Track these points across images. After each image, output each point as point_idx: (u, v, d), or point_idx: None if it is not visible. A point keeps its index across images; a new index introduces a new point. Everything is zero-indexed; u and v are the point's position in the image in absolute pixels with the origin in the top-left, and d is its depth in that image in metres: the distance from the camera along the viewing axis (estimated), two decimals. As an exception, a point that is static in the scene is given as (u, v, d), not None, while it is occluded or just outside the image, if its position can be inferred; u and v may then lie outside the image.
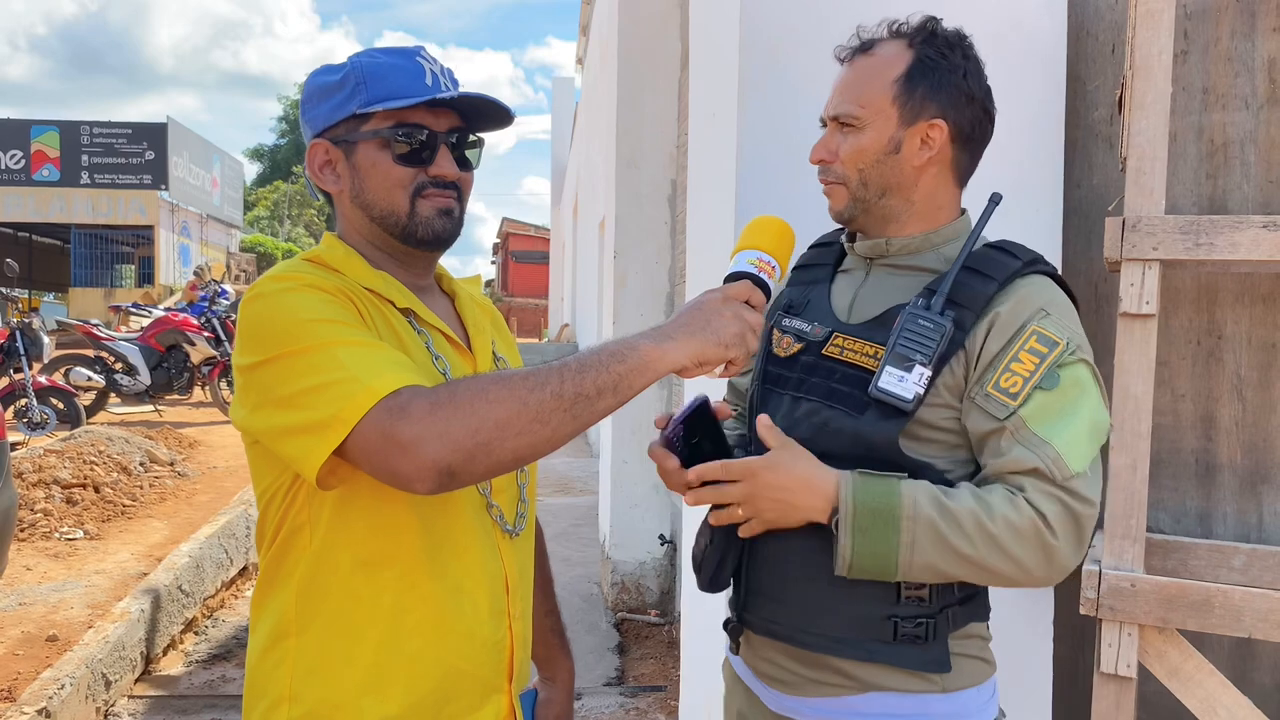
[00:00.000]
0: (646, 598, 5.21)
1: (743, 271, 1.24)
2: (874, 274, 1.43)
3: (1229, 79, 2.06)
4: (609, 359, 1.09)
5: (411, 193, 1.24)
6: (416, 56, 1.25)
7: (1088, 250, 2.23)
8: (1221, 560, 1.99)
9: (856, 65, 1.40)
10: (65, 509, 5.78)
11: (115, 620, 4.05)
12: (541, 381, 1.06)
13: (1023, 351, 1.27)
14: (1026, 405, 1.25)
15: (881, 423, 1.29)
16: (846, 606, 1.32)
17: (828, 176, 1.41)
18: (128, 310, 12.99)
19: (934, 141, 1.37)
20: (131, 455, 6.86)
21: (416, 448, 1.02)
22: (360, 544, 1.18)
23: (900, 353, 1.28)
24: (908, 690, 1.33)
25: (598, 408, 1.08)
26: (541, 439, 1.06)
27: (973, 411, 1.29)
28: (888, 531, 1.22)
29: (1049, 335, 1.28)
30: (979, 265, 1.33)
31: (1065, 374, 1.26)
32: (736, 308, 1.18)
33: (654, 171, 5.30)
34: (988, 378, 1.28)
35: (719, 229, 2.27)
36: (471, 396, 1.05)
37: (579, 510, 7.41)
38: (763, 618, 1.40)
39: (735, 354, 1.16)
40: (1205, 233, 1.78)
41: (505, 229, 33.37)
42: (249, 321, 1.16)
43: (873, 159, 1.37)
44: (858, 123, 1.37)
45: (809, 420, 1.36)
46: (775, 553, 1.36)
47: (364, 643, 1.19)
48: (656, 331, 1.14)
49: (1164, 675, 1.79)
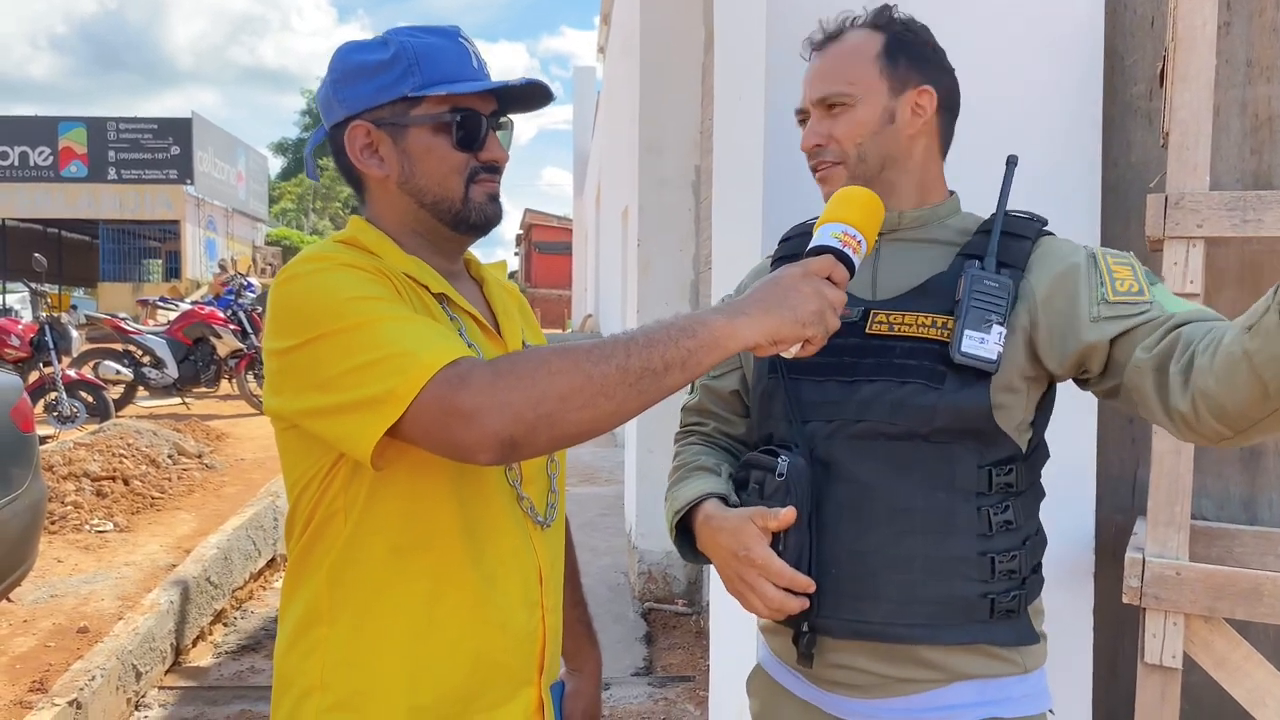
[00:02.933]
0: (674, 587, 5.18)
1: (826, 245, 1.17)
2: (886, 249, 1.39)
3: (1274, 50, 2.00)
4: (678, 334, 1.05)
5: (466, 178, 1.22)
6: (458, 38, 1.23)
7: (1126, 230, 2.16)
8: (1268, 547, 1.93)
9: (830, 52, 1.41)
10: (95, 501, 5.82)
11: (145, 612, 4.07)
12: (606, 354, 1.02)
13: (1113, 266, 1.28)
14: (1155, 297, 1.25)
15: (967, 390, 1.26)
16: (942, 590, 1.28)
17: (824, 159, 1.40)
18: (155, 304, 13.10)
19: (925, 109, 1.38)
20: (160, 448, 6.91)
21: (479, 417, 1.00)
22: (396, 530, 1.16)
23: (977, 314, 1.26)
24: (992, 675, 1.30)
25: (665, 384, 1.04)
26: (605, 413, 1.02)
27: (1101, 325, 1.25)
28: None
29: (1118, 253, 1.32)
30: (1015, 229, 1.34)
31: (1152, 276, 1.30)
32: (817, 283, 1.11)
33: (677, 158, 5.25)
34: (1101, 294, 1.26)
35: (746, 214, 2.23)
36: (533, 368, 1.02)
37: (605, 500, 7.40)
38: (846, 619, 1.31)
39: (813, 333, 1.10)
40: (1253, 209, 1.73)
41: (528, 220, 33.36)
42: (283, 304, 1.13)
43: (870, 132, 1.37)
44: (849, 99, 1.36)
45: (881, 401, 1.29)
46: (854, 548, 1.30)
47: (397, 631, 1.17)
48: (729, 306, 1.10)
49: (1210, 666, 1.74)
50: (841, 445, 1.31)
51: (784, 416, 1.36)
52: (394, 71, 1.19)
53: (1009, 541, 1.29)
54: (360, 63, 1.22)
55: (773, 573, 1.25)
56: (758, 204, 2.08)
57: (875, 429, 1.29)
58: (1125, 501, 2.19)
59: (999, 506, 1.29)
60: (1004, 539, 1.29)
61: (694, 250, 5.27)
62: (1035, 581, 1.34)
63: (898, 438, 1.28)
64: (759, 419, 1.44)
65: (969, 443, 1.28)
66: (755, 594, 1.26)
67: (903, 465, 1.28)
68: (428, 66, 1.19)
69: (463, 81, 1.19)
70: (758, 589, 1.26)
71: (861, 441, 1.30)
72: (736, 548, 1.27)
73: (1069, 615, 2.08)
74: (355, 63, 1.22)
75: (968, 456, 1.28)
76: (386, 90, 1.20)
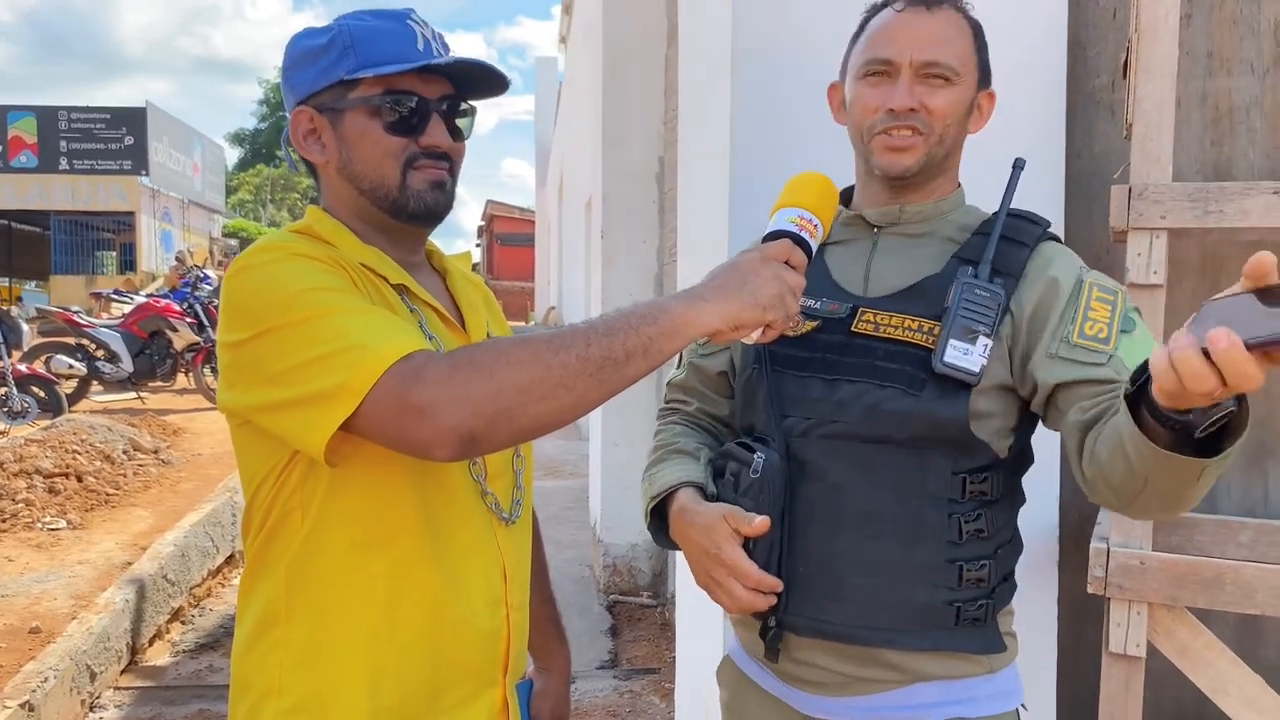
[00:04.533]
0: (638, 580, 5.17)
1: (783, 230, 1.16)
2: (884, 242, 1.37)
3: (1234, 43, 2.02)
4: (638, 321, 1.02)
5: (402, 164, 1.18)
6: (407, 19, 1.19)
7: (1089, 220, 2.17)
8: (1228, 535, 1.95)
9: (938, 17, 1.30)
10: (48, 499, 5.69)
11: (99, 611, 3.98)
12: (566, 344, 0.99)
13: (1093, 301, 1.25)
14: (1119, 351, 1.22)
15: (945, 400, 1.23)
16: (908, 596, 1.26)
17: (910, 124, 1.29)
18: (109, 297, 12.84)
19: (985, 111, 1.36)
20: (115, 443, 6.77)
21: (435, 412, 0.97)
22: (355, 526, 1.13)
23: (963, 324, 1.23)
24: (956, 676, 1.29)
25: (626, 373, 1.01)
26: (566, 405, 1.00)
27: (1060, 364, 1.23)
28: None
29: (1105, 284, 1.28)
30: (1009, 232, 1.30)
31: (1134, 316, 1.27)
32: (775, 268, 1.10)
33: (640, 149, 5.22)
34: (1067, 330, 1.24)
35: (713, 203, 2.21)
36: (492, 360, 0.99)
37: (570, 493, 7.37)
38: (811, 617, 1.30)
39: (773, 316, 1.09)
40: (1214, 200, 1.74)
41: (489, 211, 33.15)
42: (236, 295, 1.09)
43: (958, 117, 1.32)
44: (956, 77, 1.29)
45: (858, 403, 1.27)
46: (822, 548, 1.29)
47: (356, 631, 1.14)
48: (688, 293, 1.08)
49: (1173, 654, 1.76)
50: (815, 444, 1.29)
51: (764, 408, 1.34)
52: (330, 55, 1.16)
53: (979, 550, 1.27)
54: (305, 48, 1.19)
55: (741, 573, 1.24)
56: (724, 193, 2.06)
57: (850, 430, 1.27)
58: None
59: (971, 514, 1.27)
60: (974, 547, 1.27)
61: (658, 242, 5.25)
62: (1005, 590, 1.32)
63: (871, 441, 1.26)
64: (741, 407, 1.42)
65: (944, 450, 1.26)
66: (724, 591, 1.25)
67: (875, 469, 1.27)
68: (364, 49, 1.15)
69: (398, 63, 1.15)
70: (726, 587, 1.25)
71: (835, 442, 1.28)
72: (708, 545, 1.26)
73: (1033, 605, 2.09)
74: (301, 48, 1.20)
75: (942, 463, 1.26)
76: (325, 74, 1.17)
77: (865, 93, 1.32)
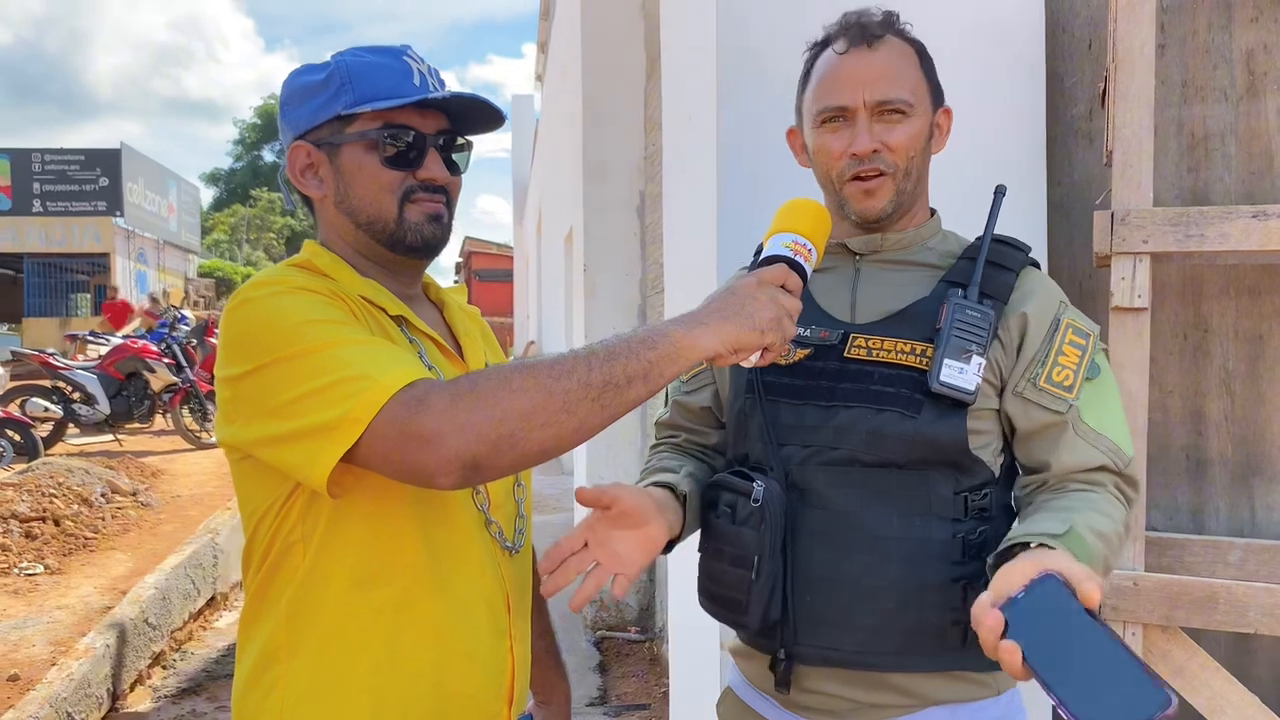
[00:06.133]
0: (626, 614, 5.14)
1: (778, 255, 1.17)
2: (866, 271, 1.38)
3: (1208, 71, 2.06)
4: (639, 346, 1.03)
5: (400, 197, 1.19)
6: (404, 55, 1.20)
7: (1071, 246, 2.21)
8: (1218, 556, 1.97)
9: (880, 52, 1.32)
10: (24, 544, 5.60)
11: (79, 657, 3.91)
12: (568, 369, 1.00)
13: (1065, 345, 1.29)
14: (1080, 399, 1.28)
15: (943, 421, 1.25)
16: (917, 618, 1.26)
17: (876, 167, 1.31)
18: (84, 339, 12.72)
19: (945, 129, 1.39)
20: (92, 486, 6.68)
21: (439, 440, 0.97)
22: (357, 559, 1.12)
23: (957, 344, 1.25)
24: (965, 700, 1.29)
25: (628, 397, 1.02)
26: (568, 430, 1.00)
27: (1024, 405, 1.29)
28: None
29: (1080, 326, 1.31)
30: (994, 257, 1.33)
31: (1100, 361, 1.31)
32: (772, 292, 1.12)
33: (621, 182, 5.27)
34: (1036, 372, 1.28)
35: (699, 233, 2.23)
36: (494, 386, 0.99)
37: (554, 528, 7.30)
38: (819, 646, 1.29)
39: (771, 340, 1.10)
40: (1195, 224, 1.77)
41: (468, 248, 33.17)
42: (236, 329, 1.09)
43: (920, 148, 1.34)
44: (911, 109, 1.31)
45: (857, 428, 1.28)
46: (828, 576, 1.28)
47: (359, 665, 1.12)
48: (688, 317, 1.09)
49: (1169, 674, 1.76)
50: (817, 472, 1.29)
51: (760, 438, 1.34)
52: (328, 91, 1.18)
53: (982, 568, 1.26)
54: (303, 84, 1.21)
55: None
56: (712, 223, 2.08)
57: (852, 456, 1.28)
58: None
59: (974, 532, 1.28)
60: (977, 565, 1.27)
61: (640, 274, 5.28)
62: None
63: (873, 465, 1.27)
64: (734, 438, 1.41)
65: (945, 470, 1.27)
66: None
67: (879, 493, 1.27)
68: (361, 84, 1.16)
69: (394, 98, 1.16)
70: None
71: (838, 469, 1.28)
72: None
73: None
74: (299, 85, 1.21)
75: (944, 483, 1.27)
76: (322, 110, 1.18)
77: (826, 140, 1.34)
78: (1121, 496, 1.28)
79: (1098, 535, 1.16)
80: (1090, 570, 1.00)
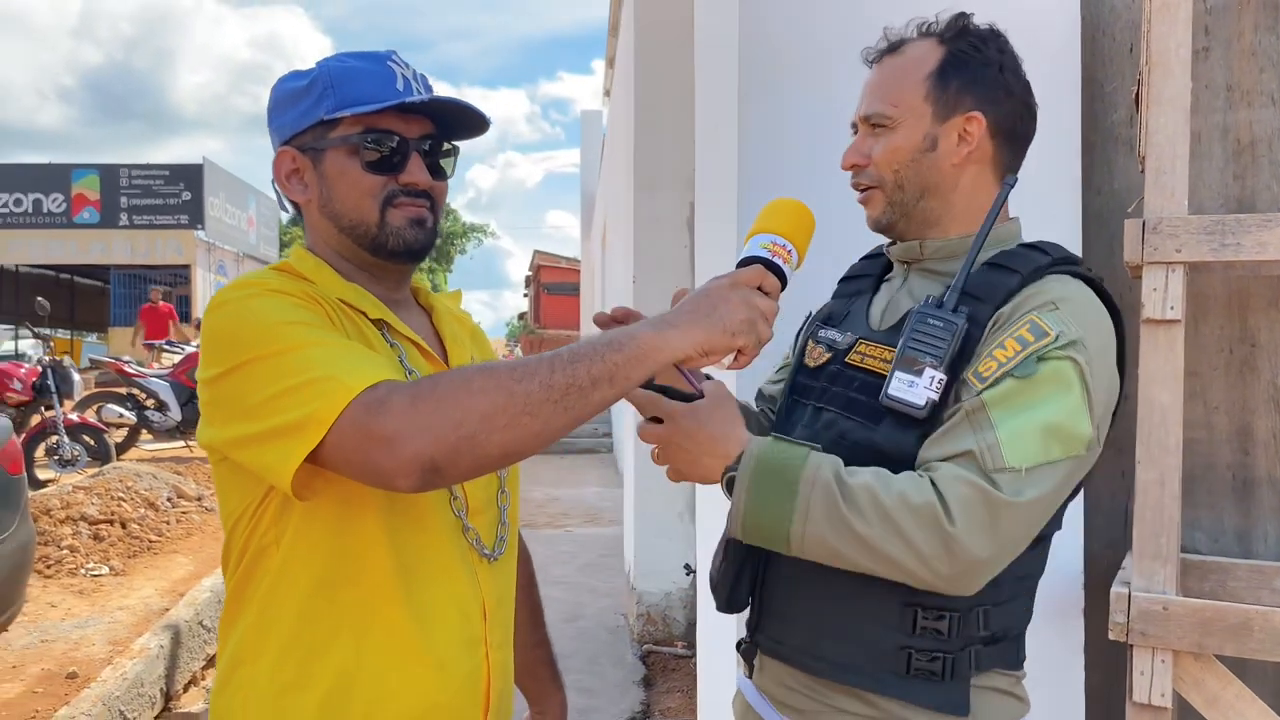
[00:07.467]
0: (673, 629, 5.10)
1: (755, 256, 1.16)
2: (910, 279, 1.35)
3: (1254, 75, 1.97)
4: (605, 348, 1.02)
5: (381, 202, 1.19)
6: (388, 61, 1.20)
7: (1110, 257, 2.13)
8: (1262, 581, 1.87)
9: (885, 65, 1.34)
10: (92, 545, 5.78)
11: (134, 656, 4.01)
12: (530, 371, 0.99)
13: (1010, 339, 1.16)
14: (993, 389, 1.13)
15: (896, 433, 1.19)
16: (856, 629, 1.22)
17: (862, 181, 1.34)
18: (161, 347, 13.12)
19: (972, 136, 1.29)
20: (159, 491, 6.87)
21: (398, 442, 0.96)
22: (322, 563, 1.12)
23: (908, 355, 1.18)
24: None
25: (592, 399, 1.00)
26: (530, 433, 0.98)
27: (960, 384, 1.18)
28: (783, 494, 1.13)
29: (1042, 326, 1.16)
30: (1005, 261, 1.25)
31: (1045, 366, 1.14)
32: (745, 293, 1.10)
33: (672, 195, 5.26)
34: (975, 364, 1.18)
35: (722, 248, 2.21)
36: (455, 388, 0.98)
37: (607, 541, 7.32)
38: (770, 638, 1.31)
39: (743, 342, 1.08)
40: (1231, 232, 1.69)
41: (537, 261, 33.50)
42: (212, 331, 1.10)
43: (907, 158, 1.30)
44: (890, 122, 1.30)
45: (827, 432, 1.28)
46: (790, 574, 1.28)
47: (321, 670, 1.12)
48: (657, 320, 1.07)
49: (1202, 704, 1.68)
50: None
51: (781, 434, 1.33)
52: (311, 96, 1.18)
53: (939, 600, 1.18)
54: (287, 90, 1.22)
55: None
56: (731, 236, 2.05)
57: None
58: (1117, 535, 2.14)
59: None
60: (933, 596, 1.17)
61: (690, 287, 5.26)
62: (987, 655, 1.23)
63: None
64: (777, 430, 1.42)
65: None
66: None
67: None
68: (344, 89, 1.17)
69: (376, 102, 1.16)
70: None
71: None
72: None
73: (1059, 653, 2.02)
74: (284, 90, 1.22)
75: None
76: (306, 115, 1.19)
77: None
78: (940, 486, 1.09)
79: (835, 471, 1.11)
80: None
